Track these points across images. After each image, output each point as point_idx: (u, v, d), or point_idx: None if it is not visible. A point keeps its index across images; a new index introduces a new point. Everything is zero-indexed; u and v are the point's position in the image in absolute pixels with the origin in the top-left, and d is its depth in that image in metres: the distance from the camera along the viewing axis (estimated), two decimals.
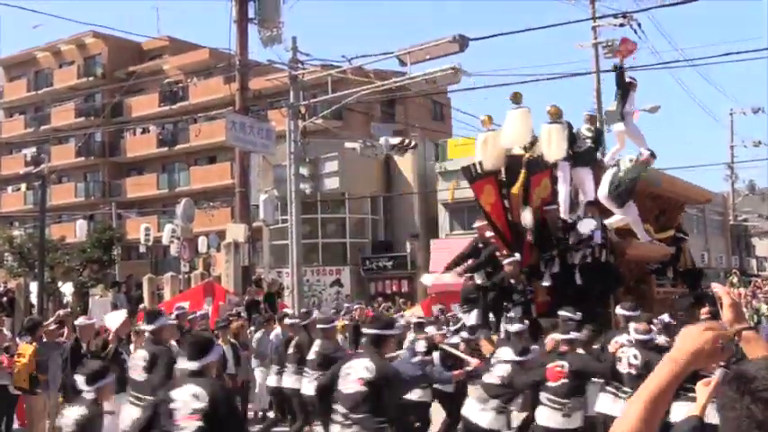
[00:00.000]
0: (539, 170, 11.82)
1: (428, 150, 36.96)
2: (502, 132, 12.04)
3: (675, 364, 2.18)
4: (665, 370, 2.17)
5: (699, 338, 2.19)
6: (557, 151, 11.80)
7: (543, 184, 11.79)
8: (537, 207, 11.72)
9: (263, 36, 21.52)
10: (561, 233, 11.55)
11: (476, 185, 12.09)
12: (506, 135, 12.05)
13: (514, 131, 12.06)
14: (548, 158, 11.87)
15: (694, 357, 2.17)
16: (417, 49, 18.00)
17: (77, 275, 32.03)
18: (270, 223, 24.09)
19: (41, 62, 58.90)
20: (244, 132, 20.36)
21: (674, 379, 2.17)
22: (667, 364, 2.19)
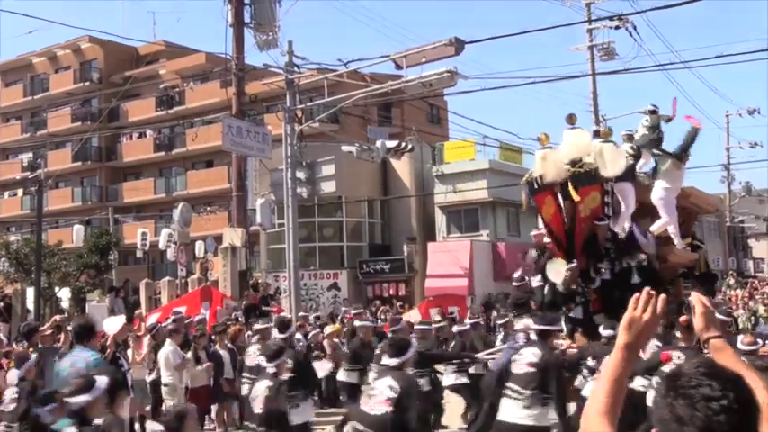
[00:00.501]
0: (587, 183, 12.38)
1: (425, 153, 36.97)
2: (561, 149, 12.76)
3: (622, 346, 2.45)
4: (617, 353, 2.44)
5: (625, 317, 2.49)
6: (613, 168, 12.41)
7: (592, 197, 12.41)
8: (586, 217, 12.36)
9: (259, 40, 21.53)
10: (610, 243, 12.36)
11: (537, 197, 12.65)
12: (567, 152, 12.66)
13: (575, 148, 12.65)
14: (604, 174, 12.38)
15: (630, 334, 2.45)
16: (413, 53, 18.03)
17: (74, 280, 31.98)
18: (267, 227, 24.06)
19: (37, 67, 58.87)
20: (240, 136, 20.38)
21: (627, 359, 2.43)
22: (617, 349, 2.46)
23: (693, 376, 2.00)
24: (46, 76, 58.31)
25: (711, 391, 1.97)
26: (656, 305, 2.49)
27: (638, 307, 2.49)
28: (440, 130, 44.20)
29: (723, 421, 1.93)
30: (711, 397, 1.96)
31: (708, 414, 1.93)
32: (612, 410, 2.33)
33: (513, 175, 36.01)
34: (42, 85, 58.22)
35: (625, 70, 24.87)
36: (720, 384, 1.98)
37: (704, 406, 1.94)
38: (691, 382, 1.98)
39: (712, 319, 2.60)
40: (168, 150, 52.14)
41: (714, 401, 1.94)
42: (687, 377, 2.00)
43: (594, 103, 34.29)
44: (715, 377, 2.00)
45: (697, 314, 2.61)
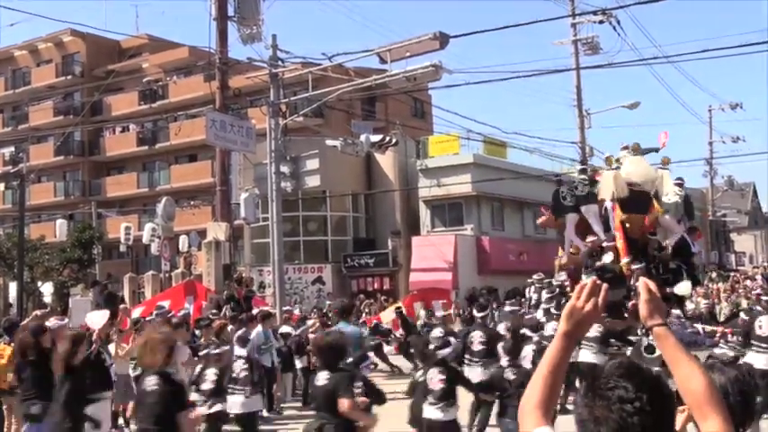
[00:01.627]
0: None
1: (409, 148, 36.98)
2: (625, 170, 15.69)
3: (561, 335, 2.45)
4: (557, 342, 2.44)
5: (568, 306, 2.50)
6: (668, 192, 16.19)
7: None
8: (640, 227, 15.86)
9: (243, 34, 21.47)
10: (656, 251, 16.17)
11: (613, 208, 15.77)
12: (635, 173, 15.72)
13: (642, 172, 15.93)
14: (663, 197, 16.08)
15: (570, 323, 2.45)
16: (398, 47, 18.03)
17: (57, 275, 31.89)
18: (251, 221, 24.05)
19: (19, 61, 58.46)
20: (224, 131, 20.33)
21: (565, 347, 2.43)
22: (557, 337, 2.45)
23: (611, 377, 2.04)
24: (28, 70, 57.91)
25: (626, 392, 2.01)
26: (599, 296, 2.47)
27: (581, 296, 2.47)
28: (424, 124, 44.24)
29: (636, 423, 1.98)
30: (626, 399, 2.00)
31: (622, 416, 1.98)
32: (548, 402, 2.33)
33: (497, 169, 36.13)
34: (24, 78, 57.83)
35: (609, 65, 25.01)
36: (635, 386, 2.02)
37: (618, 408, 1.99)
38: (608, 384, 2.03)
39: (657, 306, 2.56)
40: (151, 144, 51.93)
41: (628, 403, 1.99)
42: (606, 379, 2.04)
43: (578, 97, 34.44)
44: (631, 378, 2.04)
45: (641, 301, 2.56)
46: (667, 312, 9.75)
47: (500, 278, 34.03)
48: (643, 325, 2.71)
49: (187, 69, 43.78)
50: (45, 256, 32.35)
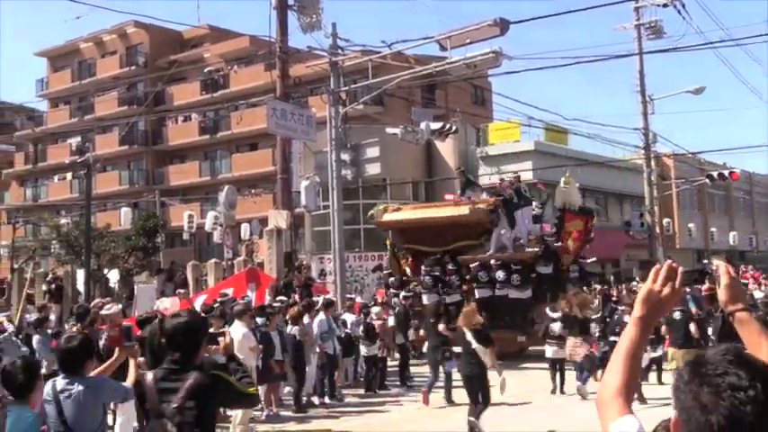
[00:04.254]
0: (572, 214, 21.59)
1: (469, 135, 36.81)
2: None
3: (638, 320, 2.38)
4: (632, 327, 2.36)
5: (644, 289, 2.41)
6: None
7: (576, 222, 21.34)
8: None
9: (303, 23, 21.52)
10: None
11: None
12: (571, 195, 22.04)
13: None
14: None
15: (646, 307, 2.38)
16: (458, 34, 17.92)
17: (123, 262, 32.48)
18: (312, 209, 24.14)
19: (85, 53, 59.59)
20: (285, 119, 20.44)
21: (642, 332, 2.36)
22: (632, 321, 2.38)
23: (719, 364, 1.95)
24: (93, 61, 59.01)
25: (738, 380, 1.90)
26: (677, 279, 2.40)
27: (657, 280, 2.41)
28: (484, 111, 43.94)
29: (749, 412, 1.90)
30: (739, 386, 1.89)
31: (734, 403, 1.90)
32: (629, 389, 2.27)
33: (558, 156, 35.73)
34: (90, 69, 58.93)
35: (673, 49, 24.42)
36: (748, 374, 1.94)
37: (730, 395, 1.90)
38: (717, 370, 1.94)
39: (738, 291, 2.51)
40: (213, 133, 52.52)
41: (741, 391, 1.91)
42: (713, 365, 1.95)
43: (641, 82, 33.82)
44: (742, 366, 1.96)
45: (721, 286, 2.51)
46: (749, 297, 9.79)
47: None
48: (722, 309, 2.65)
49: (248, 59, 44.11)
50: (111, 243, 32.97)
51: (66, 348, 5.47)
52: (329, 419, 13.78)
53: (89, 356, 5.62)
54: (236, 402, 5.83)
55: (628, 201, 41.83)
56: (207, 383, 4.45)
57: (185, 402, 4.36)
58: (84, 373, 5.44)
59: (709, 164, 43.28)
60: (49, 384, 5.40)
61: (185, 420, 4.36)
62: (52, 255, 36.83)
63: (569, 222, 21.42)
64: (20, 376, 5.37)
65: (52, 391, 5.32)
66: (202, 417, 4.44)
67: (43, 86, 62.12)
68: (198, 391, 4.40)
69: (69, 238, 33.15)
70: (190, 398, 4.38)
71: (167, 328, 4.70)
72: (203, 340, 4.83)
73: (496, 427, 11.84)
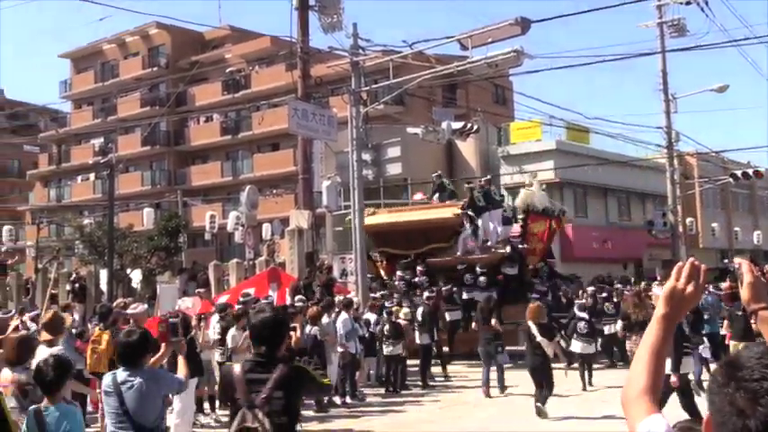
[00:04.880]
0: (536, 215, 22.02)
1: (490, 134, 36.74)
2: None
3: (661, 318, 2.35)
4: (656, 325, 2.34)
5: (667, 287, 2.38)
6: None
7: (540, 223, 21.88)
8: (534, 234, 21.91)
9: (324, 23, 21.54)
10: None
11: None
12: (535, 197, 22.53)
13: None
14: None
15: (670, 305, 2.35)
16: (479, 33, 17.89)
17: (145, 262, 32.63)
18: (333, 209, 24.17)
19: (107, 54, 60.00)
20: (306, 119, 20.48)
21: (666, 330, 2.33)
22: (655, 319, 2.35)
23: (756, 369, 1.92)
24: (116, 63, 59.42)
25: None
26: (701, 277, 2.37)
27: (680, 278, 2.38)
28: (505, 110, 43.84)
29: None
30: None
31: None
32: (655, 387, 2.24)
33: (580, 155, 35.60)
34: (112, 71, 59.36)
35: (696, 47, 24.26)
36: None
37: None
38: (753, 375, 1.90)
39: (761, 289, 2.49)
40: (235, 134, 52.73)
41: None
42: (749, 369, 1.92)
43: (664, 81, 33.60)
44: None
45: (744, 284, 2.48)
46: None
47: (583, 265, 33.58)
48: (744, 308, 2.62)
49: (269, 59, 44.29)
50: (134, 243, 33.13)
51: (126, 342, 5.83)
52: (350, 419, 13.80)
53: (147, 350, 5.95)
54: (315, 392, 6.41)
55: (650, 200, 41.58)
56: (292, 375, 4.79)
57: (273, 393, 4.70)
58: (143, 366, 5.75)
59: (732, 162, 42.94)
60: (109, 377, 5.72)
61: (273, 409, 4.68)
62: (76, 255, 37.08)
63: (533, 224, 22.08)
64: (51, 373, 5.50)
65: (113, 383, 5.62)
66: (288, 406, 4.78)
67: (67, 88, 62.62)
68: (284, 382, 4.74)
69: (92, 238, 33.35)
70: (277, 388, 4.71)
71: (254, 324, 4.99)
72: (287, 334, 5.24)
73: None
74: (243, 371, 4.86)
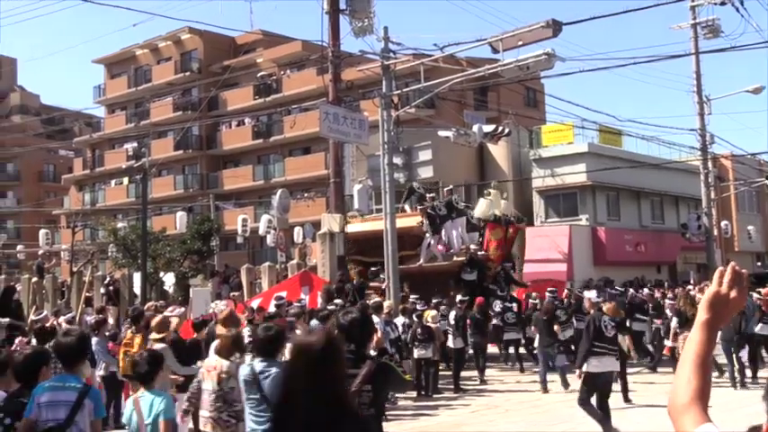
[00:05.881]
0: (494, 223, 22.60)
1: (522, 137, 36.56)
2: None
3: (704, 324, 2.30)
4: (699, 332, 2.29)
5: (709, 292, 2.33)
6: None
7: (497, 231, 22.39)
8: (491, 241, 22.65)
9: (355, 27, 21.60)
10: None
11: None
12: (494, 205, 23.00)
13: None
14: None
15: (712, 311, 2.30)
16: (510, 36, 17.85)
17: (178, 266, 32.80)
18: (364, 213, 24.22)
19: (140, 59, 60.57)
20: (337, 123, 20.53)
21: (709, 337, 2.28)
22: (698, 326, 2.32)
23: None
24: (148, 68, 59.96)
25: None
26: (744, 282, 2.32)
27: (723, 283, 2.32)
28: (537, 113, 43.67)
29: None
30: None
31: None
32: (704, 395, 2.18)
33: (612, 158, 35.35)
34: (145, 76, 59.89)
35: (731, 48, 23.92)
36: None
37: None
38: None
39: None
40: (266, 138, 53.00)
41: None
42: None
43: (698, 83, 33.33)
44: None
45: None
46: None
47: (617, 269, 33.35)
48: None
49: (300, 63, 44.49)
50: (166, 247, 33.30)
51: (265, 336, 6.62)
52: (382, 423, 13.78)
53: (283, 344, 6.73)
54: (399, 387, 6.78)
55: (684, 203, 41.20)
56: (379, 370, 5.18)
57: (362, 387, 5.06)
58: (279, 357, 6.53)
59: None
60: (248, 368, 6.49)
61: (362, 402, 5.05)
62: (110, 258, 37.39)
63: (491, 231, 22.73)
64: (145, 366, 6.28)
65: (251, 373, 6.40)
66: (376, 399, 5.19)
67: (100, 93, 63.32)
68: (372, 377, 5.11)
69: (126, 241, 33.58)
70: (366, 382, 5.08)
71: (343, 323, 5.37)
72: (373, 333, 5.76)
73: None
74: None
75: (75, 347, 5.99)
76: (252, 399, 6.42)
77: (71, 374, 5.89)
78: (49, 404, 5.63)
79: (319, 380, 3.02)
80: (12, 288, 26.67)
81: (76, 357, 6.03)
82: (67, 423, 5.62)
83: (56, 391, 5.71)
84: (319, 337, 3.19)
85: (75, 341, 6.01)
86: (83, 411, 5.68)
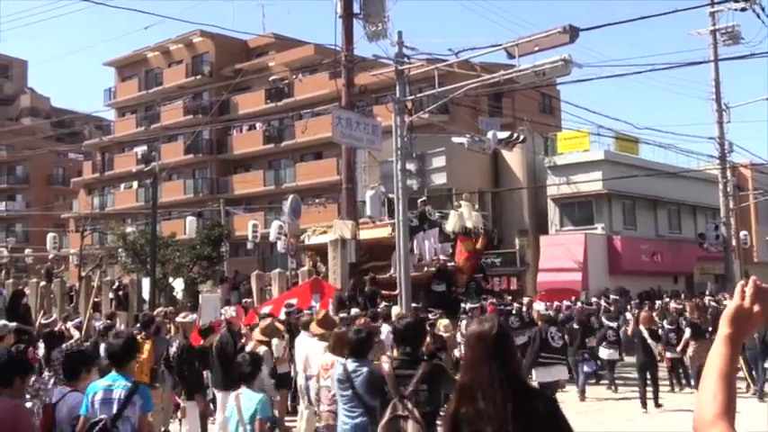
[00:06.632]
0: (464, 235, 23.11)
1: (537, 144, 36.55)
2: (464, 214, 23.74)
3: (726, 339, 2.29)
4: (721, 346, 2.28)
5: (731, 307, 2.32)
6: None
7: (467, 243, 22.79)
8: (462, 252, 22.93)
9: (369, 31, 21.61)
10: None
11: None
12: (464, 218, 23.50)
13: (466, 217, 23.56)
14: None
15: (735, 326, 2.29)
16: (526, 41, 17.83)
17: (188, 271, 32.91)
18: (377, 219, 24.23)
19: (151, 62, 60.84)
20: (350, 128, 20.54)
21: (733, 352, 2.27)
22: (720, 340, 2.29)
23: None
24: (159, 71, 60.22)
25: None
26: (766, 296, 2.30)
27: (745, 297, 2.31)
28: (552, 120, 43.62)
29: None
30: None
31: None
32: (730, 410, 2.16)
33: (629, 166, 35.28)
34: (156, 79, 60.15)
35: (751, 55, 23.84)
36: None
37: None
38: None
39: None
40: (277, 142, 53.12)
41: None
42: None
43: (717, 90, 33.23)
44: None
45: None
46: None
47: (632, 279, 33.27)
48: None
49: (313, 67, 44.49)
50: (176, 252, 33.41)
51: (357, 339, 7.17)
52: None
53: (372, 346, 7.41)
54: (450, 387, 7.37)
55: (702, 212, 41.07)
56: (434, 371, 5.73)
57: (419, 386, 5.59)
58: (368, 357, 7.11)
59: None
60: (341, 367, 7.08)
61: (420, 400, 5.59)
62: (119, 263, 37.56)
63: (462, 243, 23.19)
64: (247, 367, 7.04)
65: (344, 372, 6.96)
66: (432, 397, 5.68)
67: (111, 96, 63.63)
68: (428, 377, 5.65)
69: (135, 246, 33.73)
70: (422, 382, 5.61)
71: (399, 327, 5.95)
72: (426, 336, 6.80)
73: None
74: (392, 368, 5.78)
75: (125, 348, 6.57)
76: (344, 396, 6.93)
77: (121, 373, 6.44)
78: (102, 402, 6.24)
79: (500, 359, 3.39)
80: (20, 292, 26.77)
81: (126, 358, 6.58)
82: (117, 417, 6.18)
83: (108, 389, 6.31)
84: (493, 323, 3.56)
85: (124, 343, 6.61)
86: (133, 407, 6.25)
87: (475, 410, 3.29)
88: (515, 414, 3.22)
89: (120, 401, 6.22)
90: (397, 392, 5.63)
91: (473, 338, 3.55)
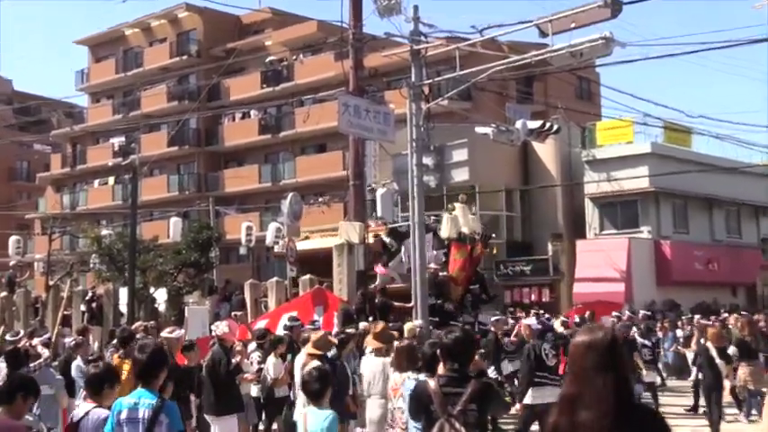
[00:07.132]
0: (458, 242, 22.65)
1: (573, 135, 36.63)
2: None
3: None
4: None
5: None
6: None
7: (462, 250, 22.22)
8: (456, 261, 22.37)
9: (380, 5, 21.65)
10: None
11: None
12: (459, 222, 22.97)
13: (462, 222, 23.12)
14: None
15: None
16: (561, 17, 17.90)
17: (171, 280, 33.01)
18: (388, 221, 24.34)
19: (130, 40, 61.05)
20: (358, 117, 20.62)
21: None
22: None
23: None
24: (140, 50, 60.43)
25: None
26: None
27: None
28: (591, 107, 43.64)
29: None
30: None
31: None
32: None
33: (680, 160, 35.33)
34: (136, 59, 60.33)
35: None
36: None
37: None
38: None
39: None
40: (275, 133, 53.24)
41: None
42: None
43: None
44: None
45: None
46: None
47: (684, 290, 33.31)
48: None
49: (316, 47, 44.64)
50: (158, 258, 33.47)
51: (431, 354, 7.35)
52: None
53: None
54: (499, 408, 8.26)
55: (765, 214, 41.07)
56: (484, 390, 6.07)
57: (468, 405, 5.91)
58: None
59: None
60: (413, 383, 7.25)
61: (468, 421, 5.90)
62: (92, 270, 37.72)
63: (456, 251, 22.86)
64: (316, 384, 7.23)
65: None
66: (480, 418, 6.03)
67: (83, 79, 63.88)
68: (477, 396, 5.98)
69: (111, 251, 33.80)
70: (472, 401, 5.94)
71: (447, 342, 6.29)
72: (475, 352, 7.07)
73: None
74: (438, 385, 6.12)
75: (153, 361, 6.81)
76: None
77: (148, 389, 6.68)
78: (128, 420, 6.54)
79: (614, 369, 3.62)
80: None
81: (155, 372, 6.80)
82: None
83: (133, 408, 6.59)
84: (606, 332, 3.79)
85: (150, 356, 6.81)
86: (159, 427, 6.51)
87: (571, 423, 3.59)
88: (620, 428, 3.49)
89: (144, 423, 6.50)
90: (445, 411, 5.93)
91: (582, 348, 3.75)
